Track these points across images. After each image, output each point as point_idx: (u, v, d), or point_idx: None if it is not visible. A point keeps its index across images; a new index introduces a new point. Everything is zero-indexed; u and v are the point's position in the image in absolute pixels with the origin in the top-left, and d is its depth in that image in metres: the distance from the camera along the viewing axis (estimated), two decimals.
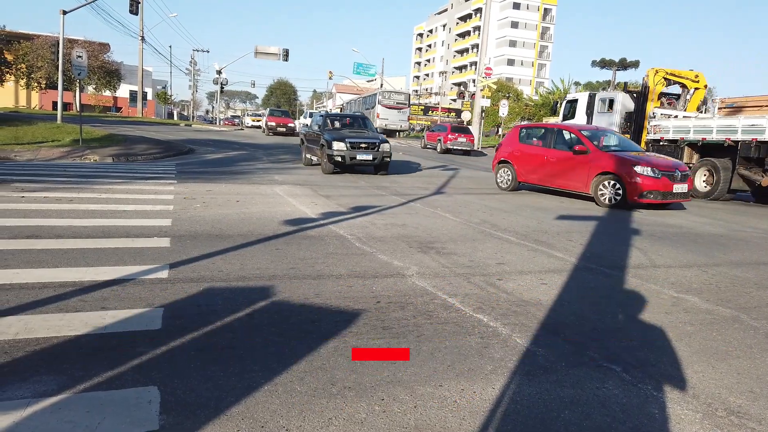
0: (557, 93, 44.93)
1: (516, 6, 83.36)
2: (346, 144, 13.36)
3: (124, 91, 58.06)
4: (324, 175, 13.45)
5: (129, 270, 4.41)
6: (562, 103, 20.40)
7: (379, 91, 40.14)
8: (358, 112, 26.75)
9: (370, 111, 37.31)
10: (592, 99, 18.15)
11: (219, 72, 49.91)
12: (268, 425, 2.31)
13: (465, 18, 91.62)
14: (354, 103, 45.48)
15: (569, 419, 2.49)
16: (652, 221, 8.85)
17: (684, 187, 10.30)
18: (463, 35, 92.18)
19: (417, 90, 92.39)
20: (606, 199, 10.24)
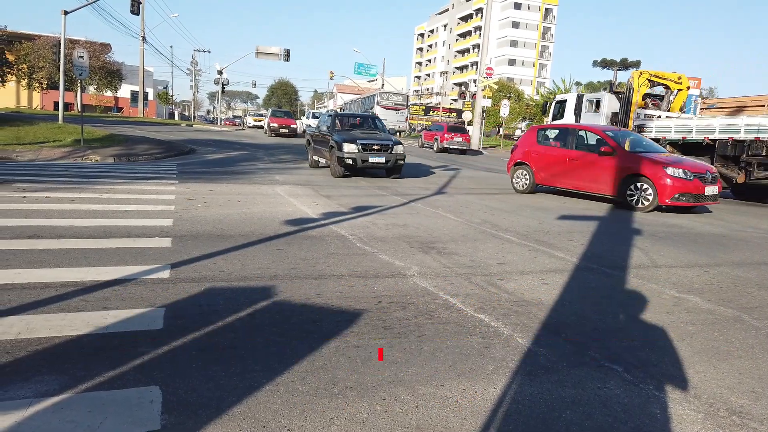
0: (558, 93, 44.90)
1: (517, 6, 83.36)
2: (357, 146, 12.53)
3: (125, 92, 58.21)
4: (325, 176, 13.40)
5: (130, 270, 4.42)
6: (551, 104, 20.79)
7: (378, 93, 40.28)
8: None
9: (368, 112, 37.38)
10: (580, 100, 18.68)
11: (220, 72, 49.96)
12: (269, 425, 2.31)
13: (466, 18, 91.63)
14: (353, 104, 45.58)
15: (571, 419, 2.49)
16: (653, 221, 8.85)
17: (714, 189, 9.95)
18: (464, 35, 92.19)
19: (418, 90, 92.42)
20: (635, 202, 9.85)
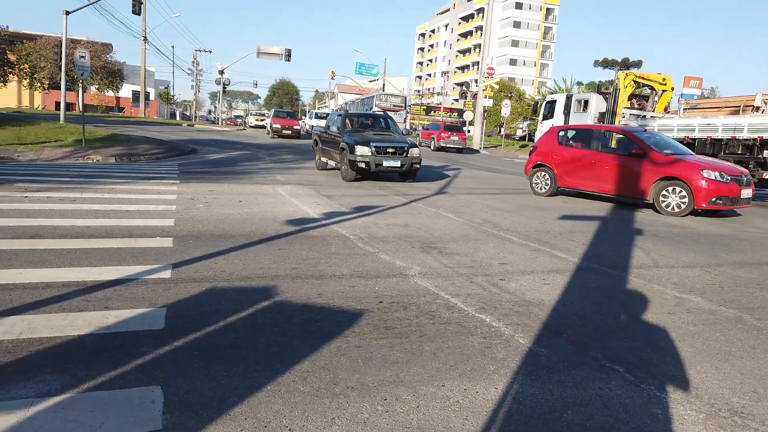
0: (559, 93, 44.89)
1: (518, 6, 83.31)
2: (371, 148, 11.75)
3: (126, 92, 58.26)
4: (326, 176, 13.41)
5: (132, 270, 4.43)
6: (542, 104, 21.34)
7: (376, 94, 40.29)
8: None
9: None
10: (569, 100, 19.18)
11: (221, 72, 49.97)
12: (271, 425, 2.31)
13: (467, 18, 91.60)
14: (352, 105, 45.59)
15: (572, 419, 2.49)
16: (654, 221, 8.84)
17: (749, 192, 9.66)
18: (466, 35, 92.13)
19: (419, 90, 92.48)
20: (670, 207, 9.51)
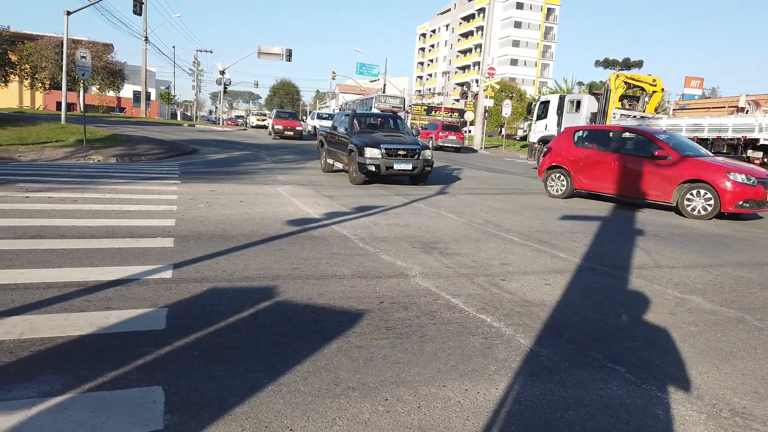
0: (561, 92, 44.86)
1: (519, 6, 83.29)
2: (381, 150, 11.28)
3: (127, 92, 58.37)
4: (327, 176, 13.41)
5: (133, 270, 4.43)
6: (536, 104, 21.87)
7: (375, 96, 40.28)
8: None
9: None
10: (562, 100, 19.48)
11: (222, 72, 50.00)
12: (272, 425, 2.31)
13: (468, 18, 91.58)
14: (351, 105, 45.57)
15: (573, 420, 2.49)
16: (655, 221, 8.83)
17: None
18: (467, 35, 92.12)
19: (420, 90, 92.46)
20: (695, 210, 9.31)
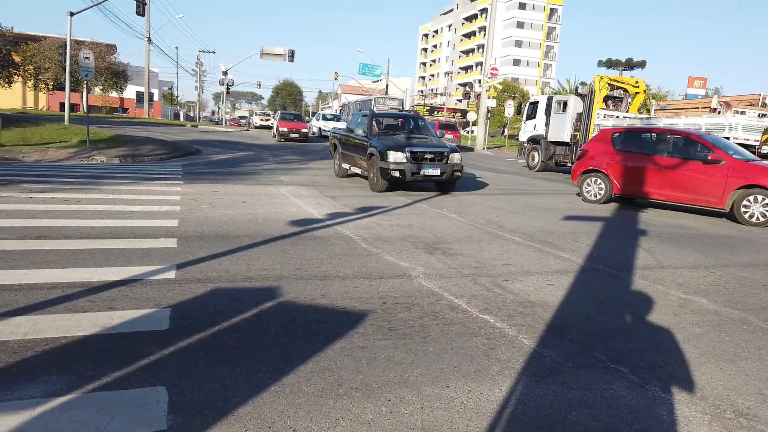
0: (563, 93, 44.86)
1: (522, 6, 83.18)
2: (406, 154, 10.22)
3: (130, 92, 58.46)
4: (330, 176, 13.36)
5: (136, 270, 4.44)
6: (526, 105, 22.24)
7: (374, 97, 40.32)
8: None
9: None
10: (550, 101, 19.99)
11: (225, 73, 50.08)
12: (275, 425, 2.32)
13: (470, 18, 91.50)
14: (351, 106, 45.58)
15: (576, 421, 2.49)
16: (658, 222, 8.81)
17: None
18: (469, 36, 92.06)
19: (423, 90, 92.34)
20: (753, 216, 8.92)
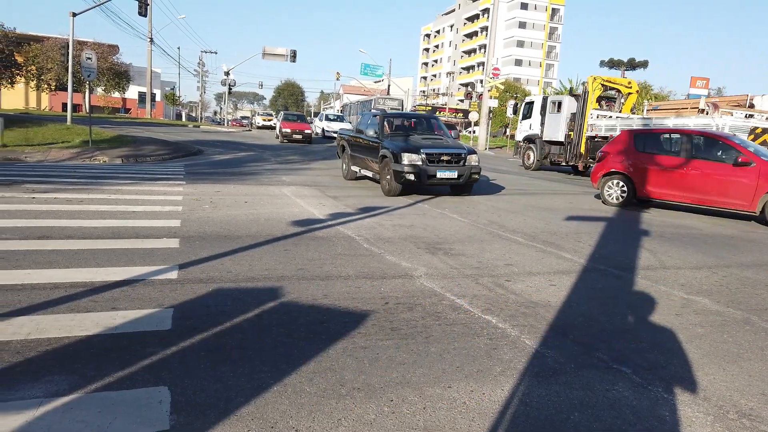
0: (565, 93, 44.84)
1: (524, 6, 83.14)
2: (421, 156, 9.79)
3: (132, 93, 58.53)
4: (332, 176, 13.36)
5: (139, 270, 4.45)
6: (521, 105, 22.50)
7: (374, 98, 40.35)
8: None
9: None
10: (545, 101, 20.24)
11: (227, 73, 50.08)
12: (277, 426, 2.32)
13: (472, 18, 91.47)
14: (352, 107, 45.59)
15: (579, 421, 2.49)
16: (661, 222, 8.80)
17: None
18: (471, 36, 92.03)
19: (424, 90, 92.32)
20: None
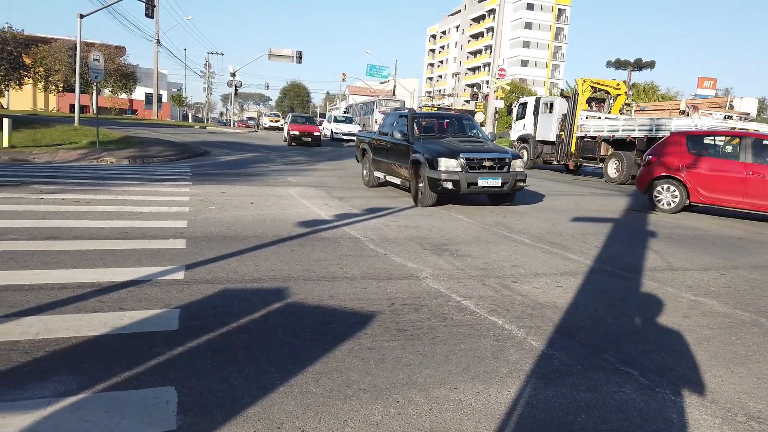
0: (570, 93, 44.70)
1: (530, 7, 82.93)
2: (460, 161, 8.60)
3: (139, 94, 58.80)
4: (337, 177, 13.36)
5: (146, 271, 4.47)
6: (515, 106, 23.03)
7: (377, 99, 40.35)
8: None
9: (368, 117, 37.41)
10: (537, 102, 20.79)
11: (233, 74, 50.26)
12: (284, 426, 2.32)
13: (478, 19, 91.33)
14: (355, 108, 45.60)
15: (586, 423, 2.47)
16: (668, 223, 8.75)
17: None
18: (477, 36, 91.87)
19: (430, 91, 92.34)
20: None
